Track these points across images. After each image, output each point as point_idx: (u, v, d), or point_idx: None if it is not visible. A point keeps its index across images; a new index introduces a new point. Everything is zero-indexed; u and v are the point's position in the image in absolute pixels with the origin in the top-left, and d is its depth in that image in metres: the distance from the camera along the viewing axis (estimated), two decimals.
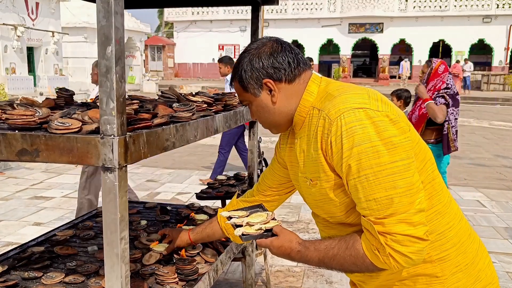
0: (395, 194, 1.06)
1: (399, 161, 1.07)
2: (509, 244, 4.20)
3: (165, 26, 38.24)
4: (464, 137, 10.51)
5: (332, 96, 1.18)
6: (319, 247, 1.20)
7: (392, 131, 1.08)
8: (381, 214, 1.07)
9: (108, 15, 1.10)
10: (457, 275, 1.20)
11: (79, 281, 1.73)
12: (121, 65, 1.14)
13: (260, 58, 1.24)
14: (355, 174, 1.09)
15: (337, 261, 1.17)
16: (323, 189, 1.20)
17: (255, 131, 2.61)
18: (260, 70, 1.24)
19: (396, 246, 1.06)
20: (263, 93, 1.26)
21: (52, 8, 17.80)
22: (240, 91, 1.30)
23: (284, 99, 1.26)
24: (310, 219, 4.68)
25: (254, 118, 1.35)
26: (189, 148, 8.32)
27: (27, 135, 1.22)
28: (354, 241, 1.15)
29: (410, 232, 1.06)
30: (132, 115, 1.35)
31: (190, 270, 1.75)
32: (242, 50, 1.33)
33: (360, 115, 1.09)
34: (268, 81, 1.23)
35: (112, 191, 1.16)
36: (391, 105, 1.17)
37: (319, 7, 29.59)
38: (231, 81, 1.34)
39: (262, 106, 1.28)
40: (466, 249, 1.23)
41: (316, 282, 3.39)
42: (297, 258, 1.24)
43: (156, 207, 2.68)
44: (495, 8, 26.87)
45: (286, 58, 1.24)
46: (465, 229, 1.26)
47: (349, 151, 1.09)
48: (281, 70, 1.23)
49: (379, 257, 1.09)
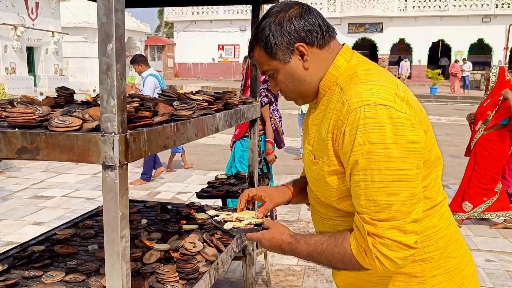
0: (396, 201, 1.04)
1: (409, 169, 1.04)
2: (508, 243, 4.20)
3: (165, 26, 38.21)
4: (463, 137, 10.49)
5: (359, 80, 1.11)
6: (309, 241, 1.19)
7: (410, 137, 1.04)
8: (376, 215, 1.06)
9: (108, 12, 1.10)
10: (437, 278, 1.18)
11: (80, 280, 1.72)
12: (122, 63, 1.14)
13: (290, 20, 1.15)
14: (361, 171, 1.06)
15: (325, 256, 1.16)
16: (322, 171, 1.17)
17: (255, 130, 2.61)
18: (292, 33, 1.15)
19: (383, 249, 1.05)
20: (294, 58, 1.17)
21: (52, 8, 17.78)
22: (265, 59, 1.20)
23: (315, 66, 1.18)
24: (310, 218, 4.68)
25: (278, 89, 1.26)
26: (189, 148, 8.32)
27: (27, 133, 1.22)
28: (344, 239, 1.14)
29: (400, 239, 1.05)
30: (132, 113, 1.35)
31: (191, 268, 1.75)
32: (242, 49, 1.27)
33: (381, 113, 1.04)
34: (301, 44, 1.15)
35: (113, 189, 1.16)
36: (416, 108, 1.11)
37: (319, 7, 29.53)
38: (249, 51, 1.23)
39: (292, 74, 1.19)
40: (450, 254, 1.21)
41: (316, 281, 3.38)
42: (287, 250, 1.22)
43: (157, 206, 2.68)
44: (494, 8, 26.86)
45: (317, 21, 1.16)
46: (452, 234, 1.24)
47: (360, 147, 1.05)
48: (313, 33, 1.15)
49: (365, 258, 1.08)
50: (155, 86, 5.78)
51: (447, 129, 11.64)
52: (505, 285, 3.37)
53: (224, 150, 8.43)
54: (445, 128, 11.79)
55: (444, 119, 13.86)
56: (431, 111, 15.74)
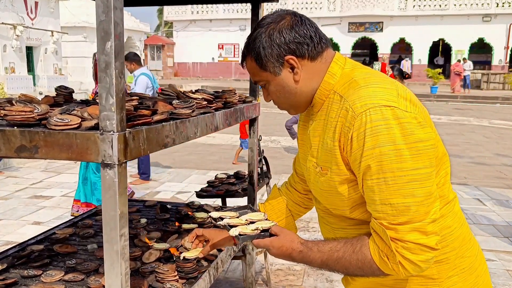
0: (413, 202, 1.02)
1: (422, 168, 1.02)
2: (509, 242, 4.20)
3: (164, 26, 38.21)
4: (464, 136, 10.50)
5: (358, 85, 1.09)
6: (322, 249, 1.14)
7: (418, 135, 1.02)
8: (395, 220, 1.03)
9: (107, 10, 1.09)
10: (453, 278, 1.17)
11: (79, 279, 1.72)
12: (121, 61, 1.13)
13: (280, 32, 1.13)
14: (374, 175, 1.03)
15: (341, 264, 1.12)
16: (332, 181, 1.14)
17: (255, 129, 2.60)
18: (282, 45, 1.13)
19: (406, 253, 1.03)
20: (284, 71, 1.16)
21: (51, 7, 17.76)
22: (256, 70, 1.19)
23: (306, 77, 1.16)
24: (310, 218, 4.67)
25: (270, 99, 1.25)
26: (189, 147, 8.32)
27: (26, 131, 1.21)
28: (362, 245, 1.10)
29: (422, 241, 1.02)
30: (131, 112, 1.34)
31: (190, 268, 1.75)
32: (241, 49, 1.26)
33: (387, 114, 1.02)
34: (291, 57, 1.14)
35: (112, 187, 1.15)
36: (419, 106, 1.09)
37: (319, 6, 29.57)
38: (242, 61, 1.22)
39: (283, 86, 1.18)
40: (465, 253, 1.20)
41: (316, 281, 3.38)
42: (298, 259, 1.17)
43: (156, 206, 2.68)
44: (494, 7, 26.86)
45: (308, 32, 1.14)
46: (466, 234, 1.23)
47: (370, 151, 1.02)
48: (304, 46, 1.13)
49: (388, 263, 1.05)
50: (147, 85, 5.75)
51: (447, 128, 11.64)
52: (505, 284, 3.37)
53: (224, 150, 8.43)
54: (446, 127, 11.78)
55: (444, 118, 13.86)
56: (432, 110, 15.74)
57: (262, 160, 3.39)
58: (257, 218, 1.28)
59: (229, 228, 1.24)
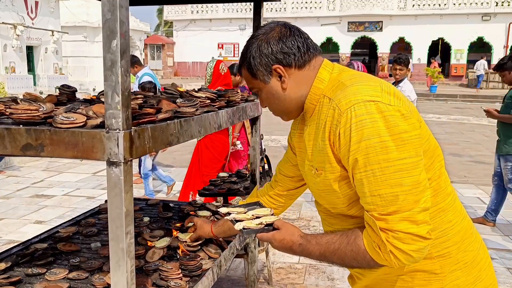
0: (401, 191, 1.04)
1: (408, 158, 1.05)
2: (509, 241, 4.21)
3: (164, 25, 38.19)
4: (463, 135, 10.51)
5: (344, 86, 1.15)
6: (320, 241, 1.20)
7: (402, 127, 1.06)
8: (385, 210, 1.06)
9: (113, 8, 1.09)
10: (456, 273, 1.19)
11: (83, 277, 1.72)
12: (126, 59, 1.14)
13: (268, 43, 1.21)
14: (361, 168, 1.07)
15: (338, 255, 1.16)
16: (327, 180, 1.19)
17: (257, 128, 2.61)
18: (269, 56, 1.21)
19: (397, 243, 1.05)
20: (273, 79, 1.23)
21: (51, 7, 17.77)
22: (249, 78, 1.27)
23: (295, 85, 1.23)
24: (311, 217, 4.68)
25: (264, 105, 1.33)
26: (189, 147, 8.31)
27: (32, 129, 1.22)
28: (356, 236, 1.14)
29: (413, 231, 1.05)
30: (136, 110, 1.34)
31: (194, 266, 1.75)
32: (241, 48, 1.32)
33: (371, 109, 1.06)
34: (278, 67, 1.21)
35: (118, 185, 1.15)
36: (403, 99, 1.13)
37: (318, 6, 29.56)
38: (238, 69, 1.31)
39: (272, 93, 1.25)
40: (467, 248, 1.22)
41: (317, 279, 3.39)
42: (298, 252, 1.23)
43: (159, 204, 2.68)
44: (494, 6, 26.87)
45: (296, 43, 1.21)
46: (467, 228, 1.25)
47: (357, 145, 1.06)
48: (290, 55, 1.20)
49: (380, 254, 1.08)
50: None
51: (447, 127, 11.65)
52: (506, 282, 3.38)
53: None
54: (445, 126, 11.79)
55: (444, 117, 13.87)
56: (431, 109, 15.76)
57: (263, 158, 3.40)
58: (263, 213, 1.34)
59: (234, 222, 1.30)
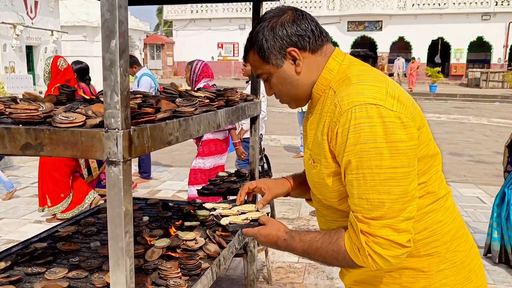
0: (388, 199, 1.05)
1: (400, 168, 1.05)
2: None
3: (164, 25, 38.18)
4: (463, 134, 10.52)
5: (350, 82, 1.13)
6: (304, 238, 1.21)
7: (400, 136, 1.05)
8: (370, 214, 1.07)
9: (112, 8, 1.10)
10: (444, 272, 1.19)
11: (83, 276, 1.73)
12: (125, 59, 1.14)
13: (283, 25, 1.17)
14: (353, 170, 1.08)
15: (319, 254, 1.18)
16: (321, 173, 1.19)
17: (256, 127, 2.61)
18: (284, 38, 1.17)
19: (376, 248, 1.06)
20: (286, 63, 1.20)
21: (51, 6, 17.76)
22: (258, 63, 1.23)
23: (307, 70, 1.20)
24: (310, 216, 4.69)
25: (271, 93, 1.29)
26: (188, 146, 8.31)
27: (31, 129, 1.22)
28: (338, 237, 1.15)
29: (393, 238, 1.06)
30: (135, 110, 1.35)
31: (193, 265, 1.76)
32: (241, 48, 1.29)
33: (372, 112, 1.05)
34: (293, 49, 1.18)
35: (117, 184, 1.16)
36: (407, 105, 1.11)
37: (318, 5, 29.55)
38: (244, 55, 1.26)
39: (285, 77, 1.22)
40: (456, 248, 1.22)
41: (317, 278, 3.39)
42: (283, 247, 1.24)
43: (158, 204, 2.69)
44: (494, 5, 26.86)
45: (309, 26, 1.19)
46: (458, 228, 1.25)
47: (352, 147, 1.07)
48: (305, 38, 1.18)
49: (359, 256, 1.10)
50: (150, 85, 5.74)
51: (446, 127, 11.65)
52: (504, 281, 3.38)
53: None
54: (445, 126, 11.80)
55: (443, 117, 13.87)
56: (431, 109, 15.76)
57: (263, 158, 3.40)
58: (248, 209, 1.36)
59: (220, 217, 1.32)
